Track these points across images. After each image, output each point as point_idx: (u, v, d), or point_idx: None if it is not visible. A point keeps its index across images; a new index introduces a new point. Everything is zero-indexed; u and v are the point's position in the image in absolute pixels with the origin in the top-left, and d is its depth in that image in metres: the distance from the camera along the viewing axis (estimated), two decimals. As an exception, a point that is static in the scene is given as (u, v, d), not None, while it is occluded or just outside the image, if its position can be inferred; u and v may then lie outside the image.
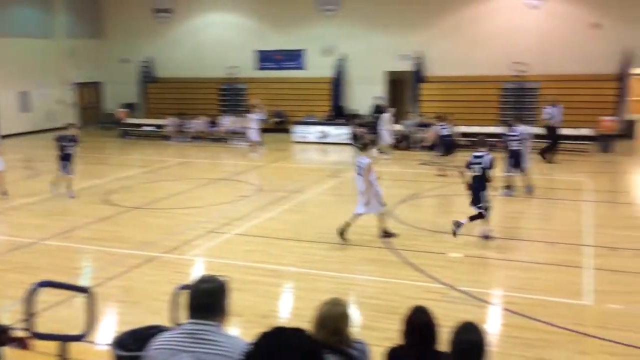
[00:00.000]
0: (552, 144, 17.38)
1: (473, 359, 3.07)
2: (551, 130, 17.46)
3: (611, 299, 7.27)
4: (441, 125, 15.93)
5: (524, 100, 21.49)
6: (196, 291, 2.83)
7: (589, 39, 21.01)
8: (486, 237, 9.63)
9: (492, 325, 6.72)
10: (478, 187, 9.55)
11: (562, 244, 9.50)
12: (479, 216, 9.61)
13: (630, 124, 21.36)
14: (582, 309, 7.06)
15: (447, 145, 15.71)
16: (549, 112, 17.49)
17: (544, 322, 6.59)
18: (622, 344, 6.07)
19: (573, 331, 6.37)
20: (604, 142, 18.66)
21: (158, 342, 2.83)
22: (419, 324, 3.64)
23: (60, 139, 13.35)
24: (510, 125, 13.45)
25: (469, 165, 9.68)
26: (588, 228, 10.35)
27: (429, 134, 16.97)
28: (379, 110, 20.52)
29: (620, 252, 8.97)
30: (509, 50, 21.58)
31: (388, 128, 18.78)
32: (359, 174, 9.67)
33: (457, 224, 9.58)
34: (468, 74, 22.32)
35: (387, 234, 9.90)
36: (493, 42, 22.11)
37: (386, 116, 18.85)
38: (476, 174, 9.56)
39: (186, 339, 2.73)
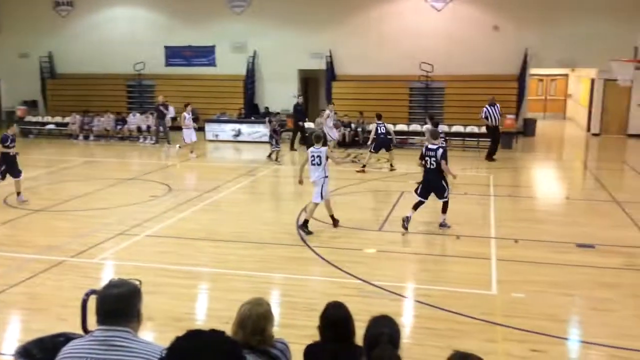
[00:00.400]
0: (494, 144, 17.84)
1: (386, 348, 3.13)
2: (492, 129, 17.92)
3: (515, 288, 7.67)
4: (378, 123, 16.18)
5: (431, 99, 22.29)
6: (106, 296, 2.72)
7: (490, 41, 22.09)
8: (445, 227, 10.25)
9: (406, 318, 6.92)
10: (436, 178, 10.06)
11: (469, 237, 9.92)
12: (445, 205, 10.28)
13: (529, 122, 22.70)
14: (489, 298, 7.40)
15: (383, 143, 15.99)
16: (486, 111, 17.89)
17: (455, 312, 6.86)
18: (526, 330, 6.42)
19: (482, 320, 6.67)
20: (505, 139, 19.67)
21: (67, 350, 2.71)
22: (335, 319, 3.70)
23: (5, 139, 12.12)
24: (437, 124, 13.98)
25: (423, 157, 10.18)
26: (492, 221, 10.88)
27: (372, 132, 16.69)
28: (297, 109, 20.41)
29: (521, 244, 9.49)
30: (416, 50, 22.29)
31: (331, 125, 18.66)
32: (315, 163, 9.94)
33: (406, 219, 10.07)
34: (378, 73, 22.84)
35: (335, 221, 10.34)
36: (400, 42, 22.75)
37: (327, 113, 18.64)
38: (431, 166, 10.06)
39: (97, 347, 2.62)
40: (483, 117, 18.03)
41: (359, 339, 3.47)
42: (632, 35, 20.07)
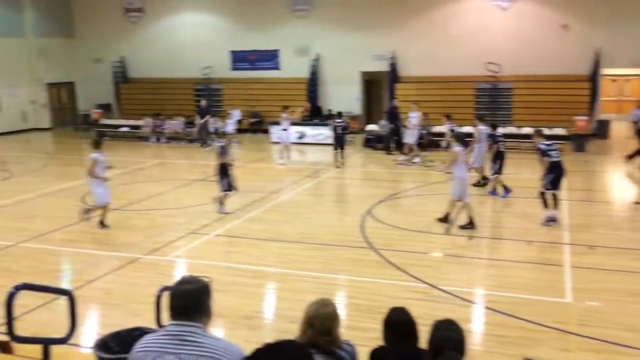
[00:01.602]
0: None
1: (451, 355, 3.09)
2: None
3: (590, 296, 7.40)
4: (449, 124, 16.00)
5: (498, 101, 21.78)
6: (178, 292, 2.79)
7: (559, 40, 21.36)
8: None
9: (475, 324, 6.80)
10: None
11: (540, 243, 9.64)
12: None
13: (602, 124, 21.79)
14: (563, 306, 7.17)
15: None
16: (636, 114, 17.09)
17: (526, 320, 6.68)
18: (602, 340, 6.18)
19: (555, 329, 6.47)
20: (578, 141, 18.98)
21: (142, 344, 2.80)
22: (398, 323, 3.67)
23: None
24: (494, 126, 13.67)
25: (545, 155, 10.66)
26: (565, 226, 10.52)
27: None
28: (393, 112, 19.92)
29: (597, 250, 9.13)
30: (482, 50, 21.82)
31: (416, 128, 18.03)
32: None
33: (551, 218, 10.44)
34: (442, 74, 22.52)
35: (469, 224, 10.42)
36: (465, 42, 22.35)
37: (415, 115, 18.06)
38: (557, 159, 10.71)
39: (170, 341, 2.70)
40: (635, 120, 17.23)
41: (423, 344, 3.44)
42: None
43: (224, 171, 11.57)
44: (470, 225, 10.31)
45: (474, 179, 13.83)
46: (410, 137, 17.87)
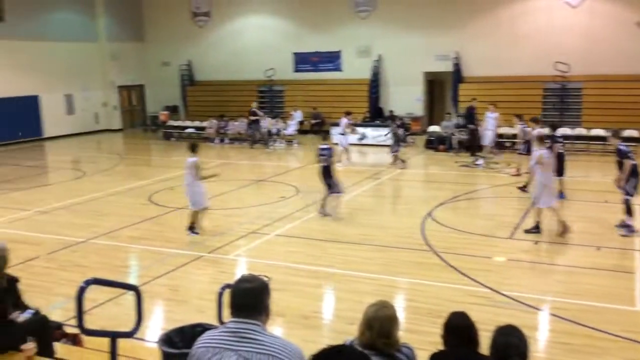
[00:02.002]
0: None
1: None
2: None
3: (663, 305, 7.06)
4: (521, 124, 15.52)
5: (566, 101, 21.05)
6: (238, 290, 2.85)
7: (632, 38, 20.43)
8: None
9: (539, 331, 6.60)
10: None
11: (610, 249, 9.26)
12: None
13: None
14: (632, 315, 6.87)
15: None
16: None
17: (593, 328, 6.43)
18: (676, 352, 5.88)
19: (623, 338, 6.20)
20: (651, 143, 18.11)
21: (202, 340, 2.87)
22: (459, 328, 3.61)
23: None
24: (554, 127, 13.17)
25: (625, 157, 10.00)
26: (637, 232, 10.05)
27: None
28: (472, 113, 19.31)
29: (671, 257, 8.70)
30: (550, 49, 21.15)
31: (493, 130, 17.70)
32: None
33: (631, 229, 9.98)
34: (508, 73, 21.97)
35: None
36: (533, 41, 21.72)
37: (494, 116, 17.69)
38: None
39: (229, 337, 2.75)
40: None
41: (484, 350, 3.38)
42: None
43: (327, 174, 11.45)
44: (535, 229, 10.01)
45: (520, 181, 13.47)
46: (487, 138, 17.57)
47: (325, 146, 11.67)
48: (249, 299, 2.80)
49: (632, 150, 10.92)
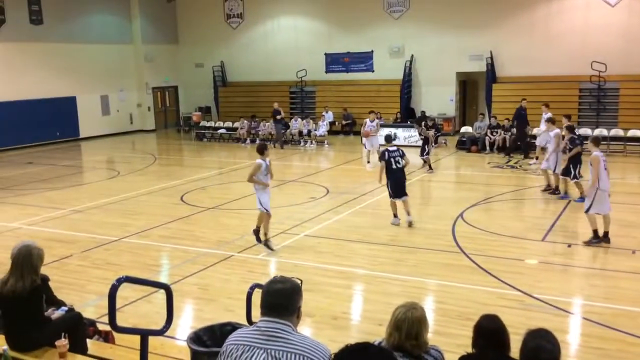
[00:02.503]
0: None
1: None
2: None
3: (701, 311, 6.86)
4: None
5: (603, 101, 20.61)
6: (270, 291, 2.88)
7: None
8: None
9: (572, 335, 6.48)
10: None
11: (646, 252, 9.03)
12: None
13: None
14: (669, 320, 6.69)
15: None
16: None
17: (628, 333, 6.29)
18: None
19: (659, 344, 6.05)
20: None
21: (234, 337, 2.91)
22: (490, 331, 3.57)
23: None
24: (572, 128, 12.83)
25: None
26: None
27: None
28: (522, 113, 18.77)
29: None
30: (586, 49, 20.73)
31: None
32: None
33: None
34: (543, 73, 21.61)
35: None
36: (569, 40, 21.31)
37: (547, 116, 16.02)
38: None
39: (260, 336, 2.79)
40: None
41: (515, 354, 3.33)
42: None
43: (404, 177, 10.84)
44: (596, 239, 9.42)
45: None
46: (541, 139, 17.26)
47: (394, 148, 11.13)
48: (281, 299, 2.84)
49: None
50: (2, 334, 4.75)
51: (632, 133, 18.70)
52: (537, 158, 16.93)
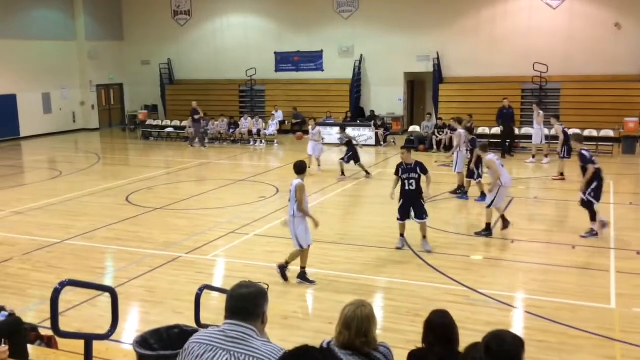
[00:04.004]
0: None
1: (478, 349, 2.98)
2: None
3: (636, 302, 7.17)
4: (560, 125, 15.72)
5: (545, 101, 21.30)
6: (234, 295, 2.89)
7: (611, 40, 20.75)
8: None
9: (515, 329, 6.65)
10: None
11: (585, 247, 9.38)
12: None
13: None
14: (607, 313, 6.97)
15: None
16: None
17: (569, 325, 6.52)
18: (648, 348, 5.98)
19: (598, 335, 6.29)
20: (627, 143, 18.40)
21: (197, 336, 2.91)
22: (439, 326, 3.64)
23: None
24: (471, 130, 13.40)
25: None
26: (611, 231, 10.20)
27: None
28: (505, 112, 19.08)
29: (645, 256, 8.84)
30: (529, 50, 21.40)
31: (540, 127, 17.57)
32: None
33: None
34: (488, 74, 22.18)
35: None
36: (513, 42, 21.95)
37: (542, 114, 17.62)
38: None
39: (224, 338, 2.79)
40: None
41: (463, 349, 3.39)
42: None
43: (418, 197, 9.42)
44: (487, 231, 10.07)
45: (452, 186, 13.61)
46: (536, 137, 17.72)
47: (411, 162, 9.39)
48: (245, 303, 2.84)
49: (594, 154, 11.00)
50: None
51: (572, 132, 19.34)
52: (533, 156, 17.58)
